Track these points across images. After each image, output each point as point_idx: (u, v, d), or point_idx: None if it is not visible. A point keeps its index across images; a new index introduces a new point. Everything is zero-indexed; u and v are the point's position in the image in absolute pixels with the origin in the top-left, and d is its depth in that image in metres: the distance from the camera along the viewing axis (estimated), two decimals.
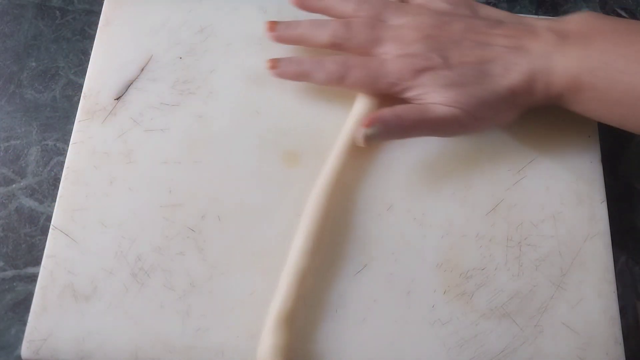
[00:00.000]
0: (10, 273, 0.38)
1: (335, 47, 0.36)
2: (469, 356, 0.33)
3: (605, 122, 0.35)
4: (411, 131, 0.35)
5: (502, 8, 0.48)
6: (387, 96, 0.36)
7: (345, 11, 0.36)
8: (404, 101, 0.35)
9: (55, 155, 0.41)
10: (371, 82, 0.35)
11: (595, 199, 0.37)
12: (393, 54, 0.34)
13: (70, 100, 0.43)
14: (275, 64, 0.37)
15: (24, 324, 0.33)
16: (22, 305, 0.37)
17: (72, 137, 0.38)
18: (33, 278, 0.37)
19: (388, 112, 0.34)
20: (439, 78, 0.34)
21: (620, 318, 0.35)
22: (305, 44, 0.37)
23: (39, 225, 0.39)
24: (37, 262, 0.37)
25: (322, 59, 0.36)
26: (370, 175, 0.38)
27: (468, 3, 0.36)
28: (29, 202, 0.40)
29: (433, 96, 0.34)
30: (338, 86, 0.36)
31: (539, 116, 0.39)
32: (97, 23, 0.41)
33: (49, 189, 0.40)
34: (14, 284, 0.38)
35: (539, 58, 0.33)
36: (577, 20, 0.35)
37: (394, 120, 0.34)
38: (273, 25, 0.37)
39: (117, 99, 0.39)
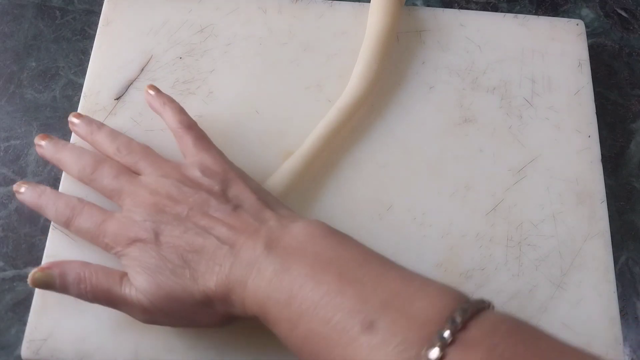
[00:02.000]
0: (10, 273, 0.38)
1: (85, 183, 0.34)
2: None
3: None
4: (90, 298, 0.31)
5: (502, 8, 0.48)
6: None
7: (108, 150, 0.35)
8: None
9: None
10: (92, 236, 0.32)
11: (595, 199, 0.37)
12: (121, 214, 0.32)
13: (70, 100, 0.43)
14: (19, 188, 0.34)
15: (24, 324, 0.33)
16: (22, 305, 0.37)
17: (72, 137, 0.38)
18: None
19: (75, 267, 0.31)
20: (144, 255, 0.30)
21: (620, 318, 0.35)
22: (63, 170, 0.35)
23: (39, 225, 0.39)
24: (37, 262, 0.37)
25: (59, 195, 0.34)
26: (370, 175, 0.38)
27: (224, 177, 0.32)
28: None
29: (132, 273, 0.30)
30: (65, 228, 0.33)
31: (538, 116, 0.40)
32: (97, 23, 0.41)
33: None
34: (14, 284, 0.38)
35: (240, 267, 0.28)
36: (298, 231, 0.29)
37: (74, 279, 0.30)
38: (43, 139, 0.35)
39: (117, 99, 0.39)
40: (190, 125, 0.35)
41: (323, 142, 0.37)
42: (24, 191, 0.34)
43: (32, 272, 0.30)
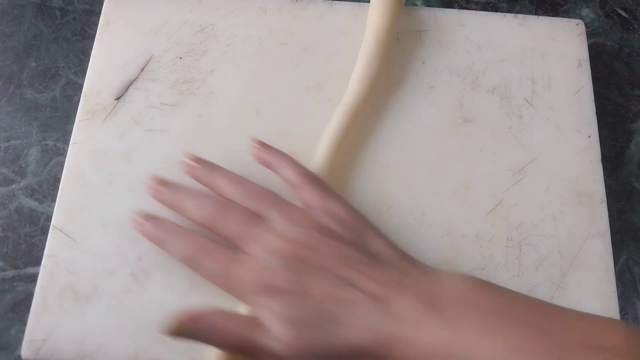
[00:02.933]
0: (10, 273, 0.38)
1: (207, 228, 0.33)
2: None
3: None
4: (227, 347, 0.30)
5: (502, 8, 0.48)
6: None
7: (233, 196, 0.33)
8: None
9: (55, 155, 0.41)
10: (220, 280, 0.31)
11: (595, 199, 0.37)
12: (251, 259, 0.31)
13: (70, 100, 0.43)
14: (142, 221, 0.34)
15: (24, 324, 0.33)
16: (22, 305, 0.37)
17: (72, 137, 0.38)
18: (33, 278, 0.37)
19: (211, 316, 0.29)
20: (285, 306, 0.29)
21: (620, 318, 0.35)
22: (181, 214, 0.34)
23: (39, 225, 0.39)
24: (37, 262, 0.37)
25: (185, 233, 0.33)
26: (370, 175, 0.38)
27: (359, 227, 0.32)
28: (29, 202, 0.40)
29: (273, 325, 0.29)
30: (190, 268, 0.32)
31: (539, 116, 0.40)
32: (97, 23, 0.41)
33: (49, 189, 0.40)
34: (14, 284, 0.38)
35: (393, 321, 0.28)
36: (452, 286, 0.29)
37: (209, 330, 0.29)
38: (158, 184, 0.34)
39: (117, 99, 0.39)
40: (312, 176, 0.34)
41: (334, 145, 0.37)
42: (145, 224, 0.33)
43: (169, 325, 0.28)
